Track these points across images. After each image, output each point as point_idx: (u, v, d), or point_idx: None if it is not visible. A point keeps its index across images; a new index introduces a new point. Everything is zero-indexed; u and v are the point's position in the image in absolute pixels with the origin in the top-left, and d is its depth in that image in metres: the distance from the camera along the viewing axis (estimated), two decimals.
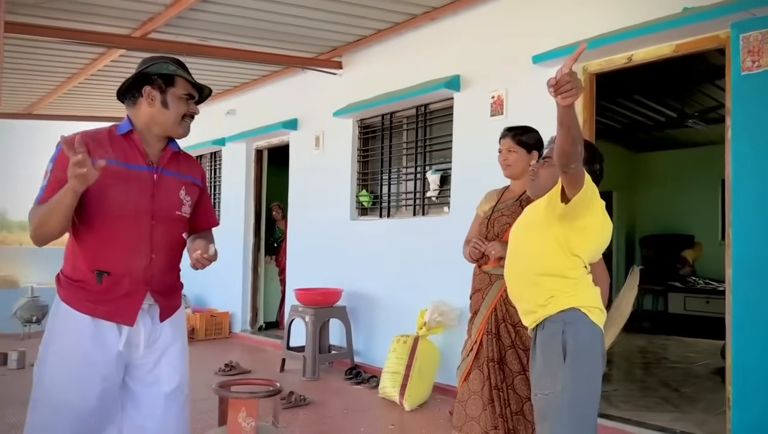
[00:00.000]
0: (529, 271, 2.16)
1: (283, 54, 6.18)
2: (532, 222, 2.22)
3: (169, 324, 2.13)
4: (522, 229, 2.26)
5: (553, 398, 2.05)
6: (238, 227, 7.81)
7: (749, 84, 3.41)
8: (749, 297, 3.40)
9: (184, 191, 2.13)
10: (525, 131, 2.89)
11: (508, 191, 2.95)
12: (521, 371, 2.66)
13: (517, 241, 2.26)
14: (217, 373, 5.56)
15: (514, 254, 2.26)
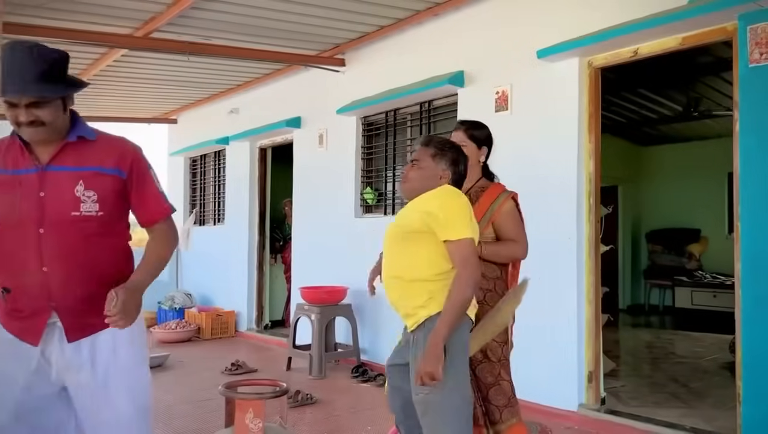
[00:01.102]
0: (408, 276, 2.27)
1: (285, 52, 6.15)
2: (407, 232, 2.30)
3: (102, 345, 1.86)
4: (398, 237, 2.34)
5: (437, 394, 2.16)
6: (243, 226, 7.80)
7: (757, 76, 3.37)
8: (759, 291, 3.37)
9: (82, 185, 1.82)
10: (477, 126, 2.92)
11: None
12: (483, 359, 2.69)
13: (393, 249, 2.34)
14: (223, 372, 5.55)
15: (391, 261, 2.34)
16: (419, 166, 2.37)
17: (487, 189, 2.84)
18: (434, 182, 2.33)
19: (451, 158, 2.39)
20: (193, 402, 4.64)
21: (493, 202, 2.78)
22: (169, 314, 7.94)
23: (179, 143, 9.38)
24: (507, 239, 2.79)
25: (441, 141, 2.44)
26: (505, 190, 2.85)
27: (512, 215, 2.81)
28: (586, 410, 4.10)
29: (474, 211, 2.76)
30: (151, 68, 6.80)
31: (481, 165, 2.90)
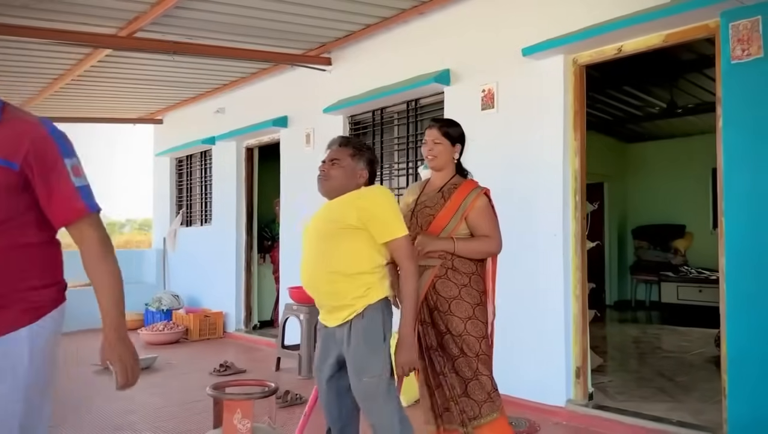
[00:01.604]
0: (350, 271, 2.34)
1: (271, 51, 6.13)
2: (343, 228, 2.35)
3: None
4: (332, 234, 2.38)
5: (381, 379, 2.32)
6: (230, 226, 7.77)
7: (739, 73, 3.40)
8: (743, 286, 3.41)
9: None
10: (451, 124, 2.95)
11: (430, 183, 2.98)
12: (460, 354, 2.71)
13: (326, 245, 2.39)
14: (212, 373, 5.53)
15: (325, 257, 2.38)
16: (340, 165, 2.45)
17: (459, 186, 2.86)
18: (354, 180, 2.45)
19: (368, 158, 2.50)
20: (182, 403, 4.62)
21: (465, 198, 2.80)
22: (157, 315, 7.89)
23: (165, 143, 9.32)
24: (480, 235, 2.80)
25: (358, 142, 2.56)
26: (478, 186, 2.87)
27: (485, 210, 2.83)
28: (574, 405, 4.13)
29: (446, 208, 2.80)
30: (136, 68, 6.76)
31: (455, 162, 2.93)
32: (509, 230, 3.07)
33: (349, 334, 2.35)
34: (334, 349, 2.42)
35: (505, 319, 3.08)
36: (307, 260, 2.46)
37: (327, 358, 2.45)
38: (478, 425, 2.69)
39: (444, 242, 2.75)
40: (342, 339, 2.37)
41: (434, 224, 2.79)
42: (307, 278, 2.46)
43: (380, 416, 2.33)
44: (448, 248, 2.75)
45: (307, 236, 2.50)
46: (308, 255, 2.46)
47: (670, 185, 9.82)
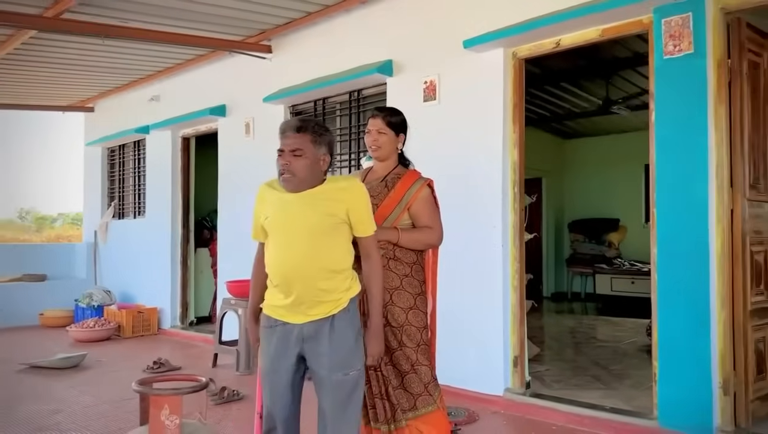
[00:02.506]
0: (338, 267, 2.25)
1: (209, 37, 5.94)
2: (338, 223, 2.25)
3: None
4: (326, 229, 2.23)
5: (360, 371, 2.29)
6: (165, 219, 7.51)
7: (671, 68, 3.51)
8: (674, 277, 3.52)
9: None
10: (394, 113, 2.90)
11: (372, 172, 2.94)
12: (399, 346, 2.68)
13: (317, 240, 2.22)
14: (145, 371, 5.32)
15: (316, 252, 2.22)
16: (303, 155, 2.21)
17: (403, 176, 2.82)
18: (318, 168, 2.25)
19: (328, 141, 2.29)
20: (112, 402, 4.43)
21: (409, 189, 2.76)
22: (87, 312, 7.56)
23: (96, 132, 8.93)
24: (423, 226, 2.78)
25: (317, 124, 2.30)
26: (421, 177, 2.84)
27: (428, 201, 2.81)
28: (512, 394, 4.18)
29: (390, 197, 2.74)
30: (64, 52, 6.43)
31: (398, 152, 2.89)
32: (450, 220, 3.06)
33: (331, 328, 2.22)
34: (294, 347, 2.25)
35: (446, 309, 3.07)
36: (294, 254, 2.21)
37: (284, 358, 2.26)
38: (413, 417, 2.65)
39: (388, 232, 2.71)
40: (311, 335, 2.23)
41: (377, 213, 2.73)
42: (294, 273, 2.21)
43: (353, 410, 2.26)
44: (391, 238, 2.70)
45: (288, 228, 2.23)
46: (295, 250, 2.21)
47: (604, 181, 10.13)
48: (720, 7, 3.38)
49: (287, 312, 2.25)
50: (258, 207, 2.34)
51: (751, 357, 3.46)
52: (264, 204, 2.31)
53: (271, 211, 2.26)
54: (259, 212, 2.32)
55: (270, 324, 2.30)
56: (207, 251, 7.94)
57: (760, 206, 3.64)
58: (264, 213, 2.29)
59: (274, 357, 2.28)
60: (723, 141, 3.39)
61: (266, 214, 2.27)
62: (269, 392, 2.32)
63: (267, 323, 2.31)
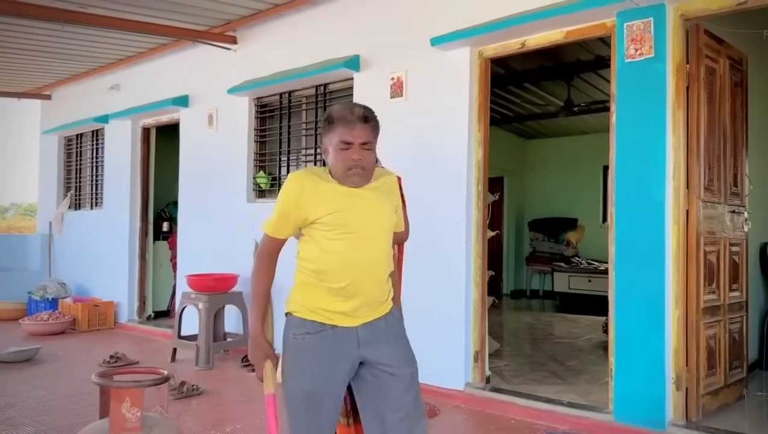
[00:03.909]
0: (386, 270, 2.14)
1: (172, 26, 5.82)
2: (392, 220, 2.15)
3: None
4: (392, 227, 2.15)
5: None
6: (124, 211, 7.34)
7: (632, 71, 3.60)
8: (630, 275, 3.62)
9: None
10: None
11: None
12: None
13: (385, 241, 2.12)
14: (101, 365, 5.19)
15: (384, 253, 2.11)
16: (372, 148, 2.04)
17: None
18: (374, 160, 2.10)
19: (378, 131, 2.11)
20: (68, 396, 4.32)
21: None
22: (41, 304, 7.35)
23: (53, 120, 8.67)
24: None
25: (373, 112, 2.10)
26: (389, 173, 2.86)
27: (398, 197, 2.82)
28: (472, 388, 4.23)
29: None
30: (21, 37, 6.21)
31: None
32: (415, 217, 3.08)
33: (387, 326, 2.12)
34: (351, 353, 2.05)
35: (409, 304, 3.08)
36: (371, 253, 2.06)
37: (341, 363, 2.04)
38: None
39: None
40: (369, 337, 2.07)
41: None
42: (369, 273, 2.06)
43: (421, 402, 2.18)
44: None
45: (364, 224, 2.05)
46: (372, 247, 2.06)
47: (564, 181, 10.33)
48: (680, 14, 3.49)
49: (342, 316, 2.05)
50: (303, 200, 2.02)
51: (702, 354, 3.58)
52: (316, 196, 2.02)
53: (337, 205, 2.02)
54: (305, 205, 2.02)
55: (316, 329, 2.04)
56: (166, 244, 7.80)
57: (714, 207, 3.77)
58: (323, 207, 2.01)
59: (328, 365, 2.04)
60: (680, 144, 3.50)
61: (331, 208, 2.01)
62: (320, 407, 2.05)
63: (312, 328, 2.05)
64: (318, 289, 2.05)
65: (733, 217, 4.03)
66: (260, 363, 2.07)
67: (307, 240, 2.07)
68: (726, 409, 3.81)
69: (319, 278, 2.04)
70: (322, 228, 2.01)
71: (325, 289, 2.03)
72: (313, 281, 2.05)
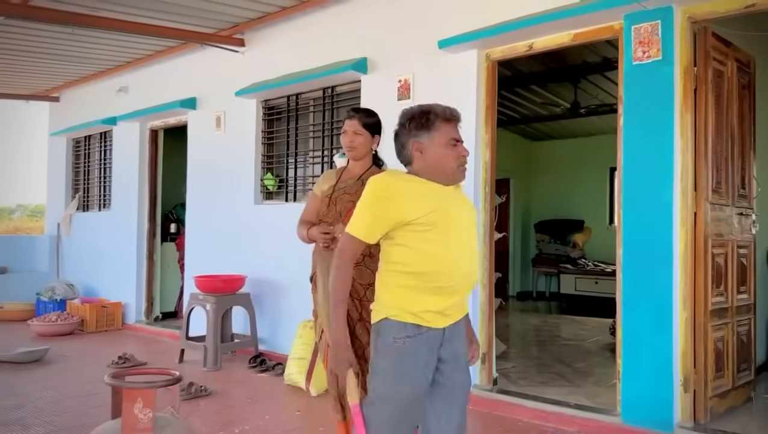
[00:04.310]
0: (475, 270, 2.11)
1: (181, 29, 5.86)
2: (472, 220, 2.13)
3: None
4: (472, 226, 2.12)
5: None
6: (132, 212, 7.38)
7: (640, 74, 3.60)
8: (638, 277, 3.62)
9: None
10: (370, 114, 3.00)
11: (347, 171, 3.02)
12: (368, 342, 2.72)
13: (474, 237, 2.10)
14: (109, 366, 5.23)
15: (467, 253, 2.06)
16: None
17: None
18: None
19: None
20: (77, 397, 4.35)
21: None
22: (49, 305, 7.39)
23: (61, 122, 8.72)
24: None
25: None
26: None
27: None
28: (479, 390, 4.24)
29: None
30: (31, 40, 6.27)
31: (372, 153, 3.00)
32: None
33: (462, 327, 2.15)
34: (436, 351, 2.05)
35: None
36: (467, 252, 2.05)
37: (432, 364, 2.04)
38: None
39: None
40: (449, 337, 2.07)
41: (352, 210, 2.77)
42: (467, 272, 2.05)
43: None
44: None
45: (459, 224, 2.04)
46: (468, 246, 2.06)
47: (571, 183, 10.31)
48: (687, 16, 3.49)
49: (438, 316, 2.03)
50: (399, 201, 1.99)
51: (710, 356, 3.58)
52: (412, 197, 2.00)
53: (433, 204, 1.99)
54: (401, 206, 1.98)
55: (414, 332, 2.00)
56: (173, 245, 7.84)
57: (722, 209, 3.77)
58: (420, 207, 1.98)
59: (423, 367, 2.02)
60: (688, 146, 3.50)
61: (428, 208, 1.98)
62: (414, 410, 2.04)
63: (411, 331, 2.00)
64: (418, 291, 2.00)
65: (741, 219, 4.03)
66: (345, 371, 2.03)
67: (400, 243, 2.01)
68: (734, 411, 3.80)
69: (422, 280, 1.99)
70: (420, 228, 1.97)
71: (429, 289, 2.00)
72: (414, 284, 2.00)
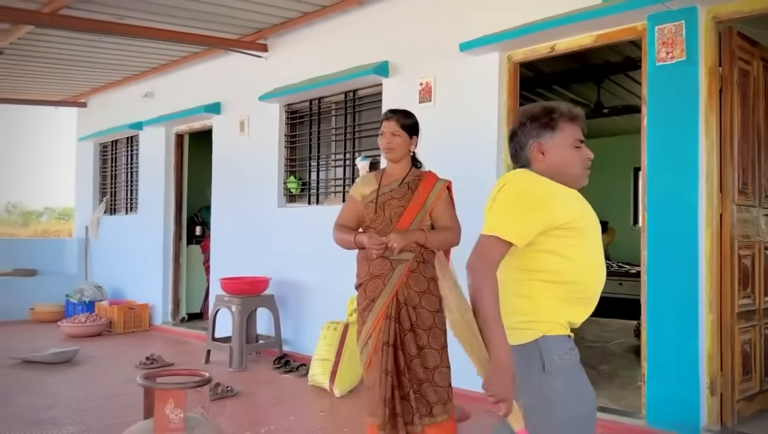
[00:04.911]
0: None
1: (205, 35, 5.96)
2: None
3: None
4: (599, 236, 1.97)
5: None
6: (158, 215, 7.51)
7: (664, 74, 3.58)
8: (663, 279, 3.59)
9: None
10: (408, 116, 2.96)
11: (387, 174, 2.94)
12: (417, 354, 2.72)
13: (601, 249, 1.94)
14: (137, 367, 5.34)
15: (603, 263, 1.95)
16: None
17: (423, 178, 2.87)
18: None
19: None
20: (107, 397, 4.44)
21: (431, 191, 2.81)
22: (78, 307, 7.55)
23: (89, 127, 8.90)
24: (444, 227, 2.81)
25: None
26: (440, 178, 2.91)
27: (449, 202, 2.88)
28: None
29: (415, 200, 2.77)
30: (60, 47, 6.42)
31: (411, 154, 2.96)
32: None
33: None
34: None
35: None
36: (603, 261, 1.94)
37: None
38: (429, 423, 2.68)
39: (417, 234, 2.73)
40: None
41: (404, 216, 2.76)
42: (604, 278, 1.91)
43: None
44: (420, 240, 2.73)
45: (597, 231, 1.92)
46: (602, 255, 1.94)
47: (594, 183, 9.97)
48: (712, 16, 3.47)
49: (572, 329, 1.91)
50: (554, 203, 1.82)
51: (737, 359, 3.55)
52: (562, 199, 1.86)
53: (582, 208, 1.88)
54: (555, 209, 1.81)
55: (572, 345, 1.85)
56: (199, 247, 7.95)
57: (748, 210, 3.73)
58: (572, 210, 1.84)
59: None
60: (713, 147, 3.48)
61: (579, 211, 1.86)
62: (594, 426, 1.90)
63: (570, 344, 1.85)
64: (565, 302, 1.82)
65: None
66: (510, 396, 1.75)
67: (545, 249, 1.80)
68: (762, 415, 3.75)
69: (568, 290, 1.81)
70: (566, 234, 1.80)
71: (573, 300, 1.83)
72: (559, 295, 1.81)
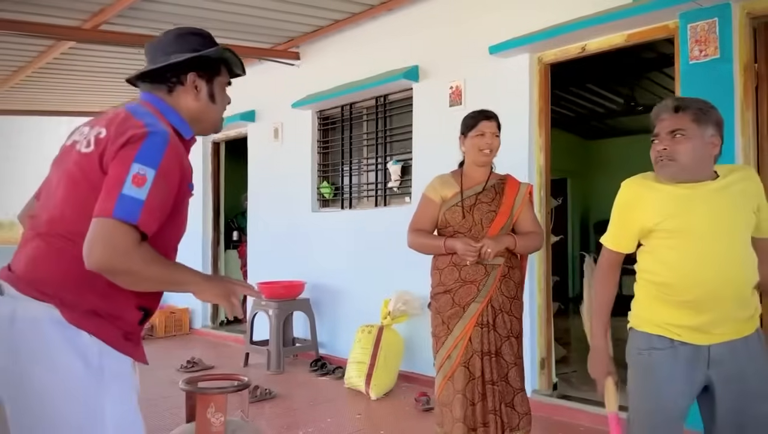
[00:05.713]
0: (744, 281, 1.89)
1: (239, 45, 6.08)
2: (745, 225, 1.90)
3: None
4: (743, 229, 1.90)
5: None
6: (196, 222, 7.68)
7: (697, 72, 3.54)
8: None
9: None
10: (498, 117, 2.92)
11: (467, 177, 2.84)
12: (514, 362, 2.68)
13: (736, 244, 1.88)
14: (179, 370, 5.49)
15: (739, 258, 1.88)
16: (687, 136, 1.85)
17: (506, 181, 2.83)
18: (707, 153, 1.88)
19: (715, 120, 1.90)
20: (149, 400, 4.57)
21: (518, 194, 2.78)
22: None
23: None
24: (529, 231, 2.78)
25: (699, 102, 1.93)
26: (522, 182, 2.89)
27: (531, 207, 2.86)
28: (539, 395, 4.23)
29: (504, 204, 2.71)
30: (100, 61, 6.63)
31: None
32: None
33: (747, 350, 1.89)
34: (700, 373, 1.89)
35: None
36: (719, 263, 1.85)
37: (689, 384, 1.90)
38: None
39: (508, 238, 2.69)
40: (722, 358, 1.88)
41: (496, 220, 2.71)
42: (718, 286, 1.85)
43: None
44: (510, 245, 2.69)
45: (705, 231, 1.86)
46: (720, 257, 1.85)
47: None
48: (746, 12, 3.41)
49: (691, 331, 1.88)
50: (636, 207, 1.95)
51: None
52: (648, 202, 1.92)
53: (672, 209, 1.88)
54: (638, 213, 1.94)
55: (663, 345, 1.91)
56: (236, 252, 8.11)
57: None
58: (657, 213, 1.89)
59: (675, 385, 1.91)
60: (750, 145, 3.42)
61: (665, 213, 1.88)
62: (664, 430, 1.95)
63: (659, 344, 1.93)
64: (663, 302, 1.92)
65: None
66: (602, 378, 1.97)
67: (647, 250, 1.97)
68: None
69: (663, 291, 1.91)
70: (662, 235, 1.89)
71: (672, 302, 1.90)
72: (658, 294, 1.93)
